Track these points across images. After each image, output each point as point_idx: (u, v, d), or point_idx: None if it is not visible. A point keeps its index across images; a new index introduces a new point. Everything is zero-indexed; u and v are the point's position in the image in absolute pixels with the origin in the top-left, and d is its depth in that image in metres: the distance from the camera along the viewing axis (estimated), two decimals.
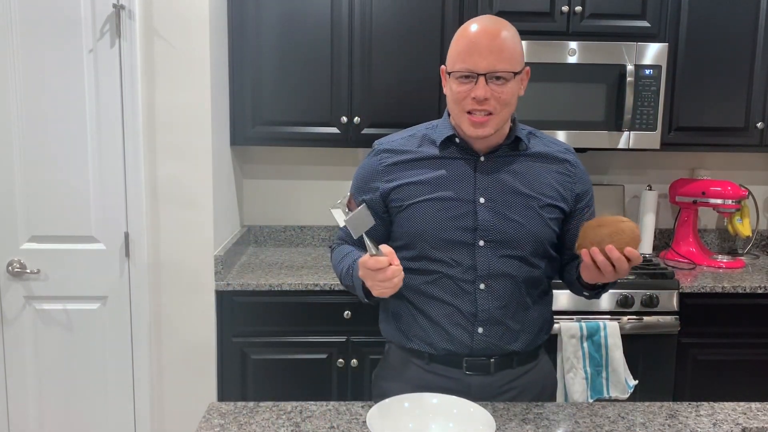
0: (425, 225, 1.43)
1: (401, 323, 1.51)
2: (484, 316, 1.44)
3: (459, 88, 1.37)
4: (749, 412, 1.40)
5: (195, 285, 2.35)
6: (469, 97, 1.36)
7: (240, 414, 1.36)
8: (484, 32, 1.35)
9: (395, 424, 1.25)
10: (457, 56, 1.37)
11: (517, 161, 1.47)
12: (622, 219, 1.32)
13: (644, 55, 2.51)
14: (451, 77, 1.39)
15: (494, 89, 1.35)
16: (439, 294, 1.45)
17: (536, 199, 1.44)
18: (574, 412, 1.39)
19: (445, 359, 1.47)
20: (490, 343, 1.45)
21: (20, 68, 2.18)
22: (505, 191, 1.44)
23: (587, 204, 1.53)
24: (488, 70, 1.34)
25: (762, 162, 3.07)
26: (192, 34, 2.24)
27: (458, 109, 1.40)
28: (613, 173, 3.04)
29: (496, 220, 1.42)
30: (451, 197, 1.43)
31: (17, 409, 2.35)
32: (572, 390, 2.27)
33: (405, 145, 1.50)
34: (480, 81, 1.34)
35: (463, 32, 1.38)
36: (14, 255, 2.27)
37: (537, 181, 1.46)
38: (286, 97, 2.58)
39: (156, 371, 2.38)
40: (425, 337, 1.47)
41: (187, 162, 2.29)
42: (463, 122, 1.40)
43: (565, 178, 1.49)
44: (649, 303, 2.37)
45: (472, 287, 1.43)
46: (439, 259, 1.44)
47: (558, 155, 1.50)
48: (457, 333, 1.44)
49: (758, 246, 3.08)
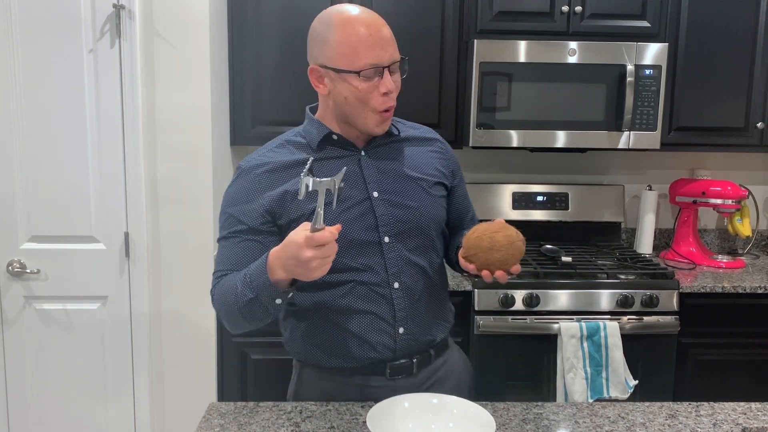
0: None
1: (317, 342, 1.42)
2: (402, 314, 1.40)
3: (363, 85, 1.30)
4: (749, 412, 1.40)
5: (195, 285, 2.35)
6: (379, 94, 1.31)
7: (240, 414, 1.36)
8: (374, 22, 1.31)
9: (395, 424, 1.25)
10: (355, 52, 1.28)
11: (396, 147, 1.46)
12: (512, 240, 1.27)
13: (644, 55, 2.51)
14: (350, 76, 1.29)
15: (395, 80, 1.33)
16: (355, 304, 1.38)
17: (424, 180, 1.44)
18: (574, 412, 1.39)
19: (367, 369, 1.41)
20: (411, 340, 1.42)
21: (20, 68, 2.18)
22: (395, 180, 1.41)
23: (461, 177, 1.57)
24: (391, 60, 1.31)
25: (762, 162, 3.07)
26: (192, 34, 2.24)
27: (362, 107, 1.32)
28: (613, 173, 3.04)
29: (394, 211, 1.39)
30: (345, 198, 1.35)
31: (17, 409, 2.35)
32: (572, 390, 2.27)
33: (275, 156, 1.40)
34: (386, 74, 1.30)
35: (348, 26, 1.30)
36: (14, 255, 2.27)
37: (419, 162, 1.46)
38: (286, 97, 2.58)
39: (156, 371, 2.38)
40: (346, 352, 1.40)
41: (187, 162, 2.29)
42: (368, 120, 1.34)
43: (440, 155, 1.51)
44: (649, 303, 2.37)
45: (387, 289, 1.38)
46: (348, 267, 1.36)
47: (427, 135, 1.52)
48: (380, 339, 1.39)
49: (758, 246, 3.08)
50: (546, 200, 2.88)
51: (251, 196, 1.36)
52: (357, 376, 1.43)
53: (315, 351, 1.44)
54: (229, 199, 1.40)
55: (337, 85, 1.34)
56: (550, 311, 2.36)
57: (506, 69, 2.49)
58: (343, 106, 1.36)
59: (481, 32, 2.55)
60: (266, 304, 1.25)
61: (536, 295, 2.34)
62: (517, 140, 2.53)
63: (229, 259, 1.38)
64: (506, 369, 2.34)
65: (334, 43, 1.31)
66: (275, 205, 1.35)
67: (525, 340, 2.34)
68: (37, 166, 2.23)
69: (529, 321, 2.34)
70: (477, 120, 2.50)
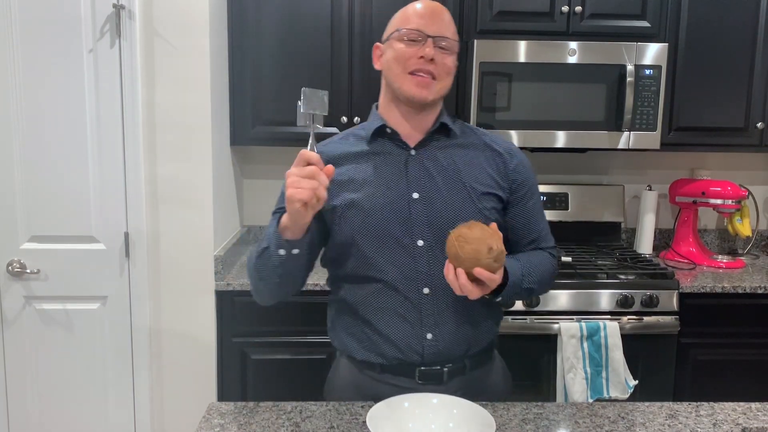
0: (360, 228, 1.37)
1: (350, 334, 1.45)
2: (430, 321, 1.38)
3: (406, 48, 1.35)
4: (749, 412, 1.40)
5: (195, 285, 2.35)
6: (415, 56, 1.34)
7: (240, 414, 1.36)
8: (433, 5, 1.39)
9: (395, 424, 1.25)
10: (404, 20, 1.37)
11: (449, 151, 1.43)
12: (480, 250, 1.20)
13: (644, 55, 2.51)
14: (396, 37, 1.37)
15: (438, 55, 1.35)
16: (384, 304, 1.39)
17: (472, 188, 1.40)
18: (574, 412, 1.39)
19: (396, 369, 1.41)
20: (440, 349, 1.39)
21: (20, 68, 2.18)
22: (438, 184, 1.39)
23: (529, 194, 1.47)
24: (437, 33, 1.35)
25: (762, 162, 3.07)
26: (192, 34, 2.24)
27: (400, 69, 1.36)
28: (613, 173, 3.04)
29: (431, 215, 1.37)
30: (383, 194, 1.37)
31: (17, 409, 2.35)
32: (572, 390, 2.27)
33: (332, 147, 1.44)
34: (428, 42, 1.34)
35: (411, 5, 1.40)
36: (14, 255, 2.27)
37: (472, 170, 1.41)
38: (286, 97, 2.58)
39: (156, 371, 2.38)
40: (375, 349, 1.41)
41: (187, 162, 2.29)
42: (404, 83, 1.36)
43: (501, 166, 1.44)
44: (649, 303, 2.37)
45: (416, 293, 1.38)
46: (378, 267, 1.37)
47: (491, 144, 1.47)
48: (407, 342, 1.39)
49: (758, 246, 3.08)
50: (546, 200, 2.88)
51: None
52: (387, 374, 1.43)
53: (348, 342, 1.45)
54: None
55: (386, 53, 1.40)
56: (550, 311, 2.36)
57: (506, 69, 2.49)
58: (388, 74, 1.40)
59: (481, 32, 2.55)
60: (273, 254, 1.29)
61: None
62: (517, 140, 2.53)
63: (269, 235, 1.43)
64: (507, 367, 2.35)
65: (394, 18, 1.42)
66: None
67: (525, 340, 2.34)
68: (37, 166, 2.23)
69: (529, 321, 2.34)
70: (477, 120, 2.50)
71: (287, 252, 1.28)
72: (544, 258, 1.47)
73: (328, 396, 1.53)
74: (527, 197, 1.47)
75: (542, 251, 1.49)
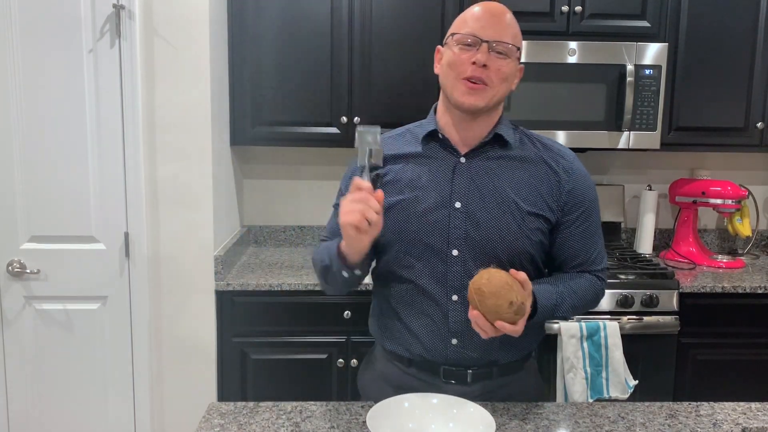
0: (399, 228, 1.38)
1: (384, 324, 1.48)
2: (457, 327, 1.38)
3: (459, 53, 1.32)
4: (749, 412, 1.40)
5: (195, 285, 2.35)
6: (468, 62, 1.30)
7: (240, 414, 1.36)
8: (493, 7, 1.34)
9: (395, 424, 1.25)
10: (462, 24, 1.33)
11: (500, 163, 1.38)
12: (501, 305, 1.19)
13: (644, 55, 2.51)
14: (451, 41, 1.34)
15: (494, 61, 1.30)
16: (413, 302, 1.41)
17: (517, 205, 1.35)
18: (574, 412, 1.39)
19: (422, 365, 1.43)
20: (465, 354, 1.39)
21: (20, 68, 2.18)
22: (483, 196, 1.36)
23: (582, 217, 1.40)
24: (493, 38, 1.30)
25: (762, 162, 3.07)
26: (192, 34, 2.24)
27: (453, 74, 1.33)
28: (613, 173, 3.04)
29: (470, 227, 1.35)
30: (426, 199, 1.37)
31: (17, 409, 2.35)
32: (572, 390, 2.27)
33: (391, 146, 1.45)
34: (483, 47, 1.30)
35: (470, 8, 1.36)
36: (14, 255, 2.27)
37: (521, 186, 1.37)
38: (286, 97, 2.58)
39: (156, 371, 2.38)
40: (403, 341, 1.44)
41: (187, 162, 2.29)
42: (456, 89, 1.33)
43: (554, 185, 1.38)
44: (649, 303, 2.37)
45: (444, 299, 1.37)
46: (411, 267, 1.39)
47: (549, 160, 1.40)
48: (432, 343, 1.40)
49: (758, 246, 3.08)
50: None
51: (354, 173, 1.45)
52: (413, 368, 1.45)
53: (381, 331, 1.49)
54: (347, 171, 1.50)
55: (444, 56, 1.37)
56: None
57: None
58: (443, 80, 1.37)
59: None
60: (336, 273, 1.35)
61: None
62: None
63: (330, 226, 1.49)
64: None
65: (455, 21, 1.38)
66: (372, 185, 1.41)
67: None
68: (37, 166, 2.23)
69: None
70: None
71: (350, 274, 1.34)
72: (588, 283, 1.42)
73: (360, 381, 1.59)
74: (579, 221, 1.41)
75: (588, 274, 1.43)
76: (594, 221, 1.44)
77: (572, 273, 1.43)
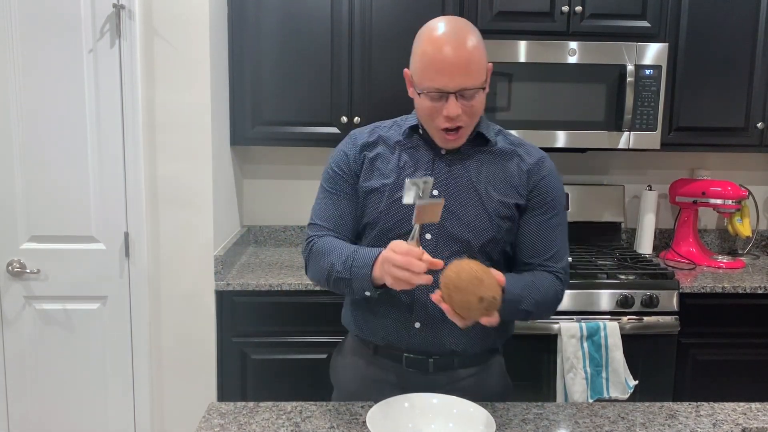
0: (379, 211, 1.43)
1: (355, 311, 1.53)
2: (420, 312, 1.43)
3: (431, 104, 1.36)
4: (749, 412, 1.40)
5: (195, 285, 2.35)
6: (441, 115, 1.35)
7: (240, 414, 1.36)
8: (450, 45, 1.30)
9: (395, 424, 1.25)
10: (424, 74, 1.34)
11: (478, 156, 1.45)
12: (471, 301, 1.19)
13: (644, 55, 2.51)
14: (421, 95, 1.36)
15: (464, 104, 1.34)
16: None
17: (489, 194, 1.42)
18: (574, 412, 1.39)
19: (387, 353, 1.48)
20: (427, 340, 1.44)
21: (20, 68, 2.18)
22: (459, 186, 1.42)
23: (545, 210, 1.44)
24: (458, 88, 1.32)
25: (762, 162, 3.07)
26: (192, 34, 2.24)
27: (431, 123, 1.39)
28: (613, 173, 3.04)
29: (444, 214, 1.38)
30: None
31: (17, 409, 2.35)
32: (572, 390, 2.27)
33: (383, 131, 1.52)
34: (450, 99, 1.33)
35: (429, 43, 1.33)
36: (14, 255, 2.27)
37: (494, 176, 1.43)
38: (286, 97, 2.58)
39: (156, 371, 2.38)
40: (371, 326, 1.49)
41: (187, 162, 2.29)
42: (435, 135, 1.41)
43: (524, 174, 1.44)
44: (649, 303, 2.37)
45: None
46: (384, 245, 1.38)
47: (522, 153, 1.46)
48: (396, 326, 1.45)
49: (758, 246, 3.08)
50: None
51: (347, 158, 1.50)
52: (378, 356, 1.50)
53: (353, 318, 1.54)
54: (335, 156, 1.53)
55: (415, 95, 1.40)
56: None
57: (506, 69, 2.49)
58: (420, 117, 1.43)
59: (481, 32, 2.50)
60: (356, 289, 1.36)
61: None
62: None
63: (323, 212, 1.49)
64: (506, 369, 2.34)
65: (414, 56, 1.38)
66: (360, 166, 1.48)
67: (525, 340, 2.34)
68: (37, 166, 2.23)
69: (529, 321, 2.34)
70: None
71: (372, 294, 1.35)
72: (548, 281, 1.43)
73: (331, 370, 1.63)
74: (542, 213, 1.44)
75: (549, 274, 1.44)
76: (557, 217, 1.46)
77: (537, 270, 1.45)
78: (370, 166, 1.47)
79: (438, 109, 1.35)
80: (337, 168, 1.49)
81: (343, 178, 1.48)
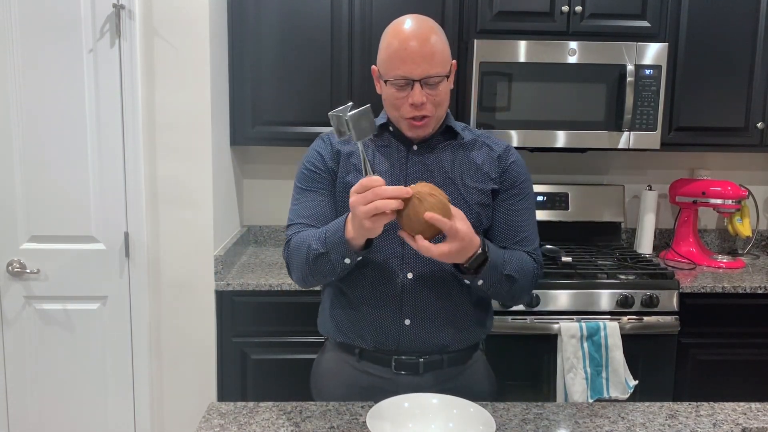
0: None
1: (336, 316, 1.50)
2: (410, 307, 1.43)
3: (396, 94, 1.40)
4: (749, 412, 1.40)
5: (195, 285, 2.35)
6: (407, 103, 1.39)
7: (240, 414, 1.36)
8: (415, 38, 1.36)
9: (395, 424, 1.25)
10: (390, 63, 1.38)
11: (449, 149, 1.49)
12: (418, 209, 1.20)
13: (644, 55, 2.51)
14: (387, 84, 1.41)
15: (429, 93, 1.38)
16: (367, 284, 1.44)
17: (466, 185, 1.45)
18: (574, 412, 1.39)
19: (374, 356, 1.47)
20: (418, 337, 1.44)
21: (20, 68, 2.18)
22: (434, 179, 1.45)
23: (515, 194, 1.48)
24: (422, 76, 1.36)
25: (762, 162, 3.07)
26: (192, 34, 2.24)
27: (397, 114, 1.43)
28: (613, 173, 3.04)
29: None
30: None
31: (17, 409, 2.35)
32: (572, 390, 2.27)
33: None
34: (416, 87, 1.37)
35: (394, 36, 1.38)
36: (14, 255, 2.27)
37: (466, 167, 1.47)
38: (286, 97, 2.58)
39: (156, 371, 2.38)
40: (355, 330, 1.47)
41: (187, 162, 2.29)
42: (402, 125, 1.44)
43: (494, 160, 1.49)
44: (649, 303, 2.37)
45: (399, 277, 1.43)
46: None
47: (490, 143, 1.52)
48: (384, 325, 1.44)
49: (758, 246, 3.08)
50: (546, 200, 2.88)
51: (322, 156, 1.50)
52: (365, 362, 1.48)
53: (331, 324, 1.51)
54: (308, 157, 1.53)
55: (382, 87, 1.45)
56: (550, 311, 2.36)
57: (506, 69, 2.49)
58: (387, 110, 1.48)
59: (481, 32, 2.55)
60: (334, 261, 1.32)
61: (536, 295, 2.34)
62: (517, 140, 2.53)
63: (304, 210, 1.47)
64: (506, 369, 2.34)
65: (381, 50, 1.43)
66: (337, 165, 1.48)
67: (525, 340, 2.34)
68: (37, 166, 2.23)
69: (529, 321, 2.34)
70: (477, 120, 2.50)
71: (352, 261, 1.33)
72: (525, 257, 1.45)
73: (311, 382, 1.61)
74: (516, 196, 1.49)
75: (524, 253, 1.47)
76: (526, 201, 1.51)
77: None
78: (346, 161, 1.47)
79: (404, 98, 1.39)
80: (312, 167, 1.49)
81: (320, 174, 1.48)
